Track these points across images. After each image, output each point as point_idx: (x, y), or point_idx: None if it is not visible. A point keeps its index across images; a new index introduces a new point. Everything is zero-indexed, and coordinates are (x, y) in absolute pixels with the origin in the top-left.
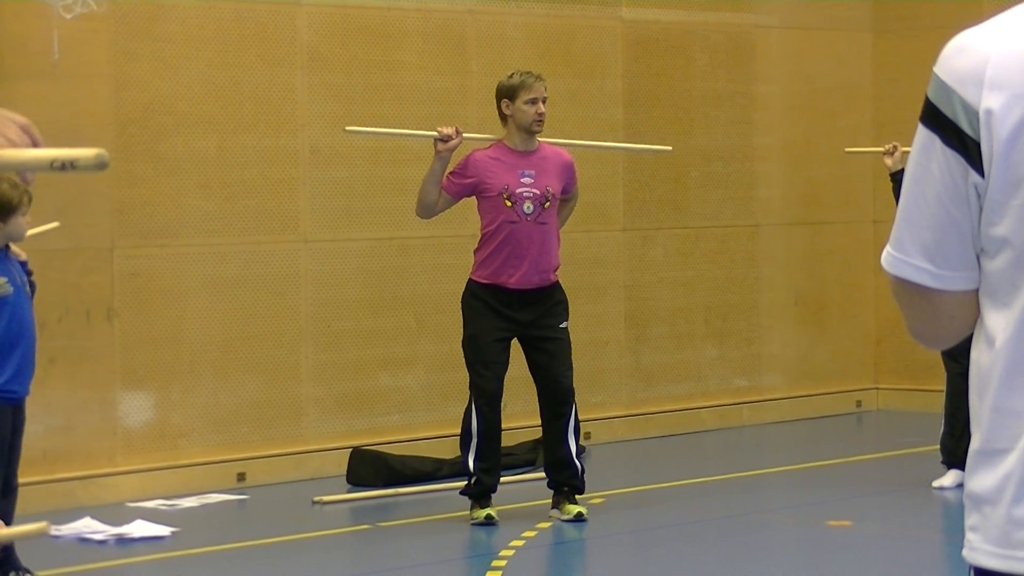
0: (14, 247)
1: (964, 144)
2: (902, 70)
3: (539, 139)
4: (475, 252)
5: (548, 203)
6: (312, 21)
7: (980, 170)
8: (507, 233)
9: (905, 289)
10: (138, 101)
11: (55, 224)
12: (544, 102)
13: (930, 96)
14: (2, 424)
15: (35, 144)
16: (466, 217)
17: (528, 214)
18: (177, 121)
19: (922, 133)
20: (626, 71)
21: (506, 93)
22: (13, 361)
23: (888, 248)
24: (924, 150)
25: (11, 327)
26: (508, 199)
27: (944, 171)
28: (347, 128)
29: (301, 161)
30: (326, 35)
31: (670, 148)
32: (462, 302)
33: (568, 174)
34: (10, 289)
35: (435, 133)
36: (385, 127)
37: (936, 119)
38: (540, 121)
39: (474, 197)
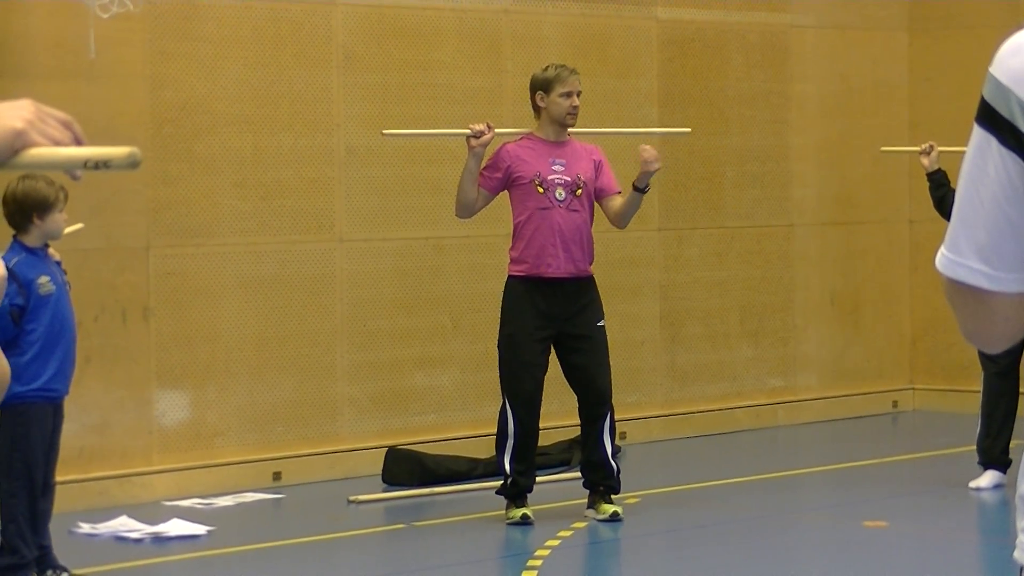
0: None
1: (1022, 144)
2: (938, 70)
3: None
4: (510, 250)
5: (580, 190)
6: (347, 21)
7: None
8: (540, 220)
9: (959, 291)
10: (174, 101)
11: (80, 226)
12: (578, 95)
13: (986, 96)
14: (43, 423)
15: (78, 140)
16: (500, 217)
17: (560, 200)
18: (213, 121)
19: (978, 133)
20: (661, 71)
21: (541, 86)
22: (55, 360)
23: (942, 250)
24: (980, 151)
25: (53, 326)
26: (540, 185)
27: (1001, 171)
28: (384, 132)
29: (336, 161)
30: (361, 35)
31: (689, 130)
32: (503, 300)
33: (598, 164)
34: (52, 288)
35: (467, 131)
36: (420, 127)
37: (992, 119)
38: (574, 114)
39: (507, 191)
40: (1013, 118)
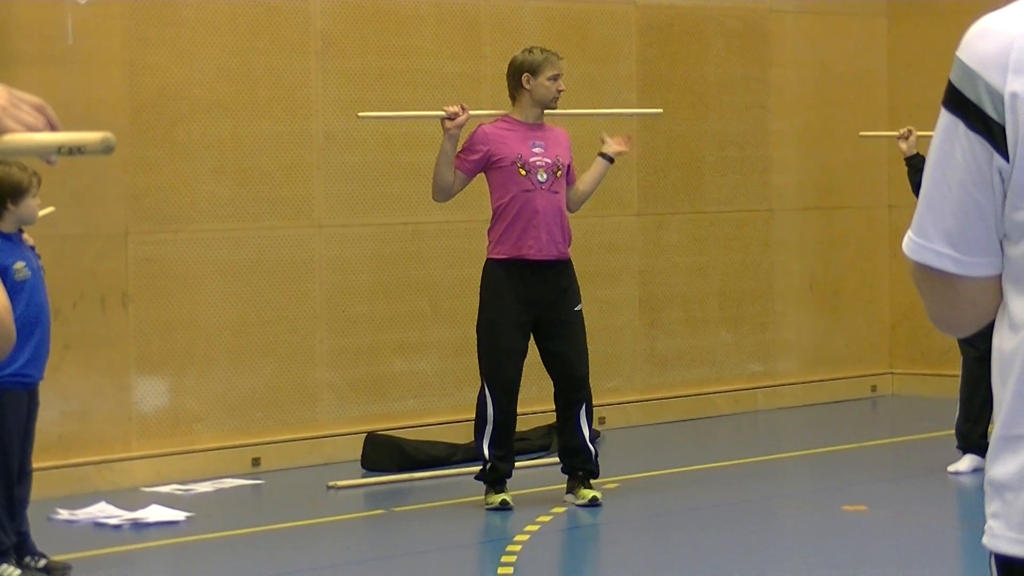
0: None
1: (989, 128)
2: (917, 56)
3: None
4: (489, 232)
5: (559, 172)
6: (326, 7)
7: (1005, 154)
8: (523, 203)
9: (926, 275)
10: (152, 87)
11: (51, 209)
12: (561, 79)
13: (953, 81)
14: (18, 409)
15: (51, 124)
16: (480, 202)
17: (542, 183)
18: (191, 107)
19: (945, 118)
20: (640, 56)
21: (528, 68)
22: (30, 346)
23: (909, 234)
24: (947, 135)
25: (28, 312)
26: (522, 168)
27: (968, 156)
28: (360, 114)
29: (315, 146)
30: (340, 20)
31: (661, 111)
32: (481, 284)
33: (570, 148)
34: (28, 273)
35: (442, 112)
36: (400, 111)
37: (960, 103)
38: (557, 98)
39: (483, 174)
40: (980, 102)
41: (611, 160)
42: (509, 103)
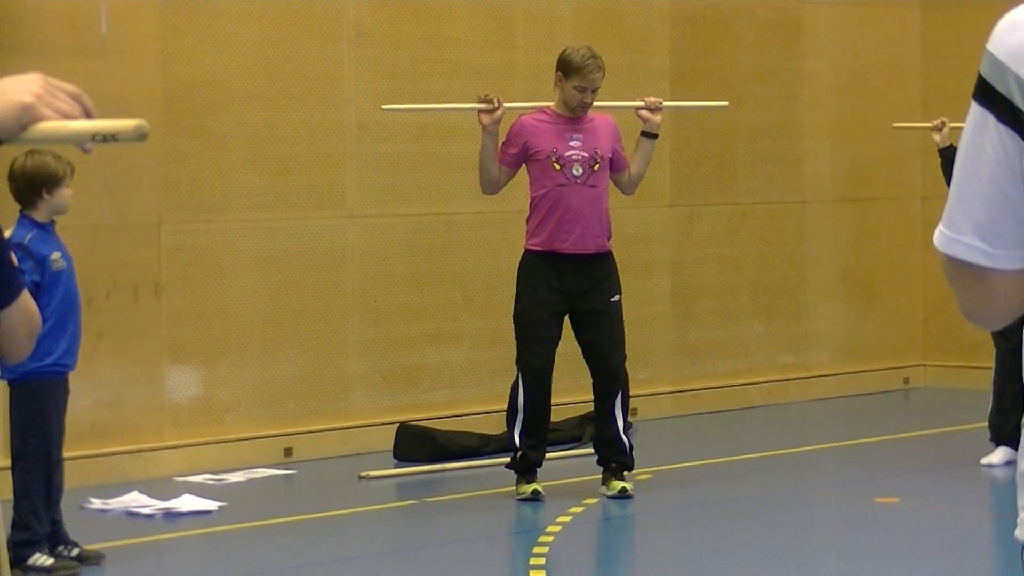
0: None
1: (1019, 121)
2: (951, 46)
3: None
4: (527, 220)
5: (597, 165)
6: None
7: None
8: (557, 198)
9: (957, 269)
10: (185, 76)
11: None
12: (594, 92)
13: (983, 73)
14: (57, 398)
15: (87, 113)
16: (513, 193)
17: (577, 177)
18: (224, 96)
19: (975, 110)
20: (673, 47)
21: (563, 67)
22: (67, 335)
23: (940, 227)
24: (977, 128)
25: (64, 302)
26: (557, 162)
27: (998, 148)
28: (384, 107)
29: (348, 136)
30: (373, 10)
31: (726, 104)
32: (518, 274)
33: (616, 135)
34: (63, 264)
35: (472, 105)
36: (431, 103)
37: (990, 96)
38: (584, 108)
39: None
40: (1010, 95)
41: (654, 136)
42: (543, 94)
